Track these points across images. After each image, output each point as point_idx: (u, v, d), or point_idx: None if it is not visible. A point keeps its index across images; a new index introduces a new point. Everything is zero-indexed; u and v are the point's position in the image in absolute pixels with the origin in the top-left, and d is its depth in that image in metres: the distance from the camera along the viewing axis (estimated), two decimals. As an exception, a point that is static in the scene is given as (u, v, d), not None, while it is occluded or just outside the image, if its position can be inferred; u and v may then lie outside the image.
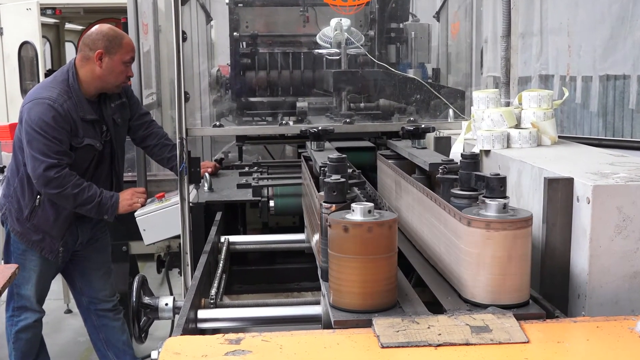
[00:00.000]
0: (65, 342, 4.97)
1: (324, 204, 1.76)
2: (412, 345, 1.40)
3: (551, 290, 1.81)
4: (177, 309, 2.11)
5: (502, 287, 1.61)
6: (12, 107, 6.50)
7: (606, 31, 5.83)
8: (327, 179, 1.80)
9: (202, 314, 2.03)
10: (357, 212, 1.61)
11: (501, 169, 2.24)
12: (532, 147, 2.38)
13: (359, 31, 4.05)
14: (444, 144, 2.96)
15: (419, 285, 1.99)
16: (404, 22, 4.28)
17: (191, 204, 3.06)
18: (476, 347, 1.40)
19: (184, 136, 2.98)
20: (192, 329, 1.93)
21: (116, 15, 6.50)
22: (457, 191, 1.91)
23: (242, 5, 4.27)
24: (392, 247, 1.63)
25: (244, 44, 4.35)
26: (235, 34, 4.27)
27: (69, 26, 8.77)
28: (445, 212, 1.81)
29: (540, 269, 1.84)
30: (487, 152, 2.39)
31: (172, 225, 3.15)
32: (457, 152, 2.60)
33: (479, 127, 2.51)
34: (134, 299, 2.08)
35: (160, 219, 3.34)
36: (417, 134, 2.79)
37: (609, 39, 5.81)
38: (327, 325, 1.75)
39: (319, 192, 1.97)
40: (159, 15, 5.17)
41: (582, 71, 6.18)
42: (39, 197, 3.35)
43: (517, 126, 2.48)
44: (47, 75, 4.92)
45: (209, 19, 5.02)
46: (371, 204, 1.62)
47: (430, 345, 1.40)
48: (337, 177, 1.82)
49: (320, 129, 2.84)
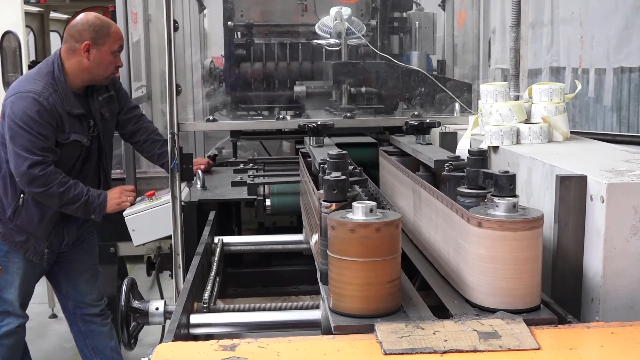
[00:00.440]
0: (50, 348, 4.97)
1: (323, 203, 1.76)
2: (416, 352, 1.40)
3: (563, 294, 1.81)
4: (168, 314, 2.10)
5: (511, 290, 1.60)
6: (-6, 100, 6.48)
7: (620, 21, 5.83)
8: (326, 177, 1.79)
9: (194, 318, 2.03)
10: (359, 212, 1.61)
11: (510, 166, 2.24)
12: (542, 143, 2.38)
13: (360, 20, 4.05)
14: (449, 140, 2.96)
15: (423, 288, 1.99)
16: (407, 11, 4.28)
17: (183, 203, 3.06)
18: (484, 354, 1.40)
19: (176, 131, 2.98)
20: (184, 334, 1.93)
21: (104, 3, 6.49)
22: (464, 189, 1.91)
23: (236, -8, 4.28)
24: (396, 249, 1.62)
25: (239, 34, 4.35)
26: (229, 23, 4.26)
27: (54, 15, 8.74)
28: (451, 212, 1.81)
29: (551, 271, 1.83)
30: (495, 148, 2.38)
31: (163, 225, 3.15)
32: (463, 148, 2.60)
33: (487, 122, 2.51)
34: (123, 303, 2.07)
35: (150, 219, 3.34)
36: (422, 129, 2.79)
37: (624, 29, 5.81)
38: (327, 330, 1.75)
39: (318, 190, 1.97)
40: (149, 3, 5.16)
41: (595, 63, 6.19)
42: (22, 196, 3.34)
43: (527, 121, 2.48)
44: (30, 67, 4.91)
45: (202, 7, 5.02)
46: (373, 203, 1.62)
47: (435, 352, 1.40)
48: (338, 174, 1.82)
49: (319, 123, 2.84)
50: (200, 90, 4.48)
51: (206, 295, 2.24)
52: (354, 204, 1.62)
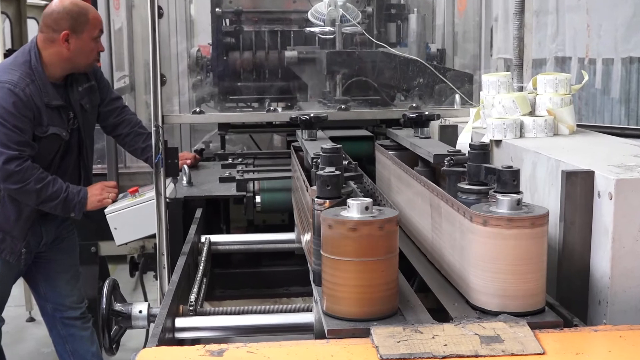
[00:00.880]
0: (27, 353, 4.96)
1: (316, 200, 1.76)
2: (414, 357, 1.40)
3: (569, 295, 1.81)
4: (152, 317, 2.10)
5: (514, 292, 1.60)
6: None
7: (629, 9, 5.85)
8: (320, 172, 1.79)
9: (180, 322, 2.03)
10: (354, 209, 1.60)
11: (514, 160, 2.24)
12: (547, 136, 2.38)
13: (355, 7, 4.05)
14: (449, 133, 2.96)
15: (421, 290, 1.99)
16: (405, -2, 4.29)
17: (168, 200, 3.05)
18: (486, 358, 1.40)
19: (160, 124, 2.97)
20: (169, 339, 1.93)
21: (84, -12, 6.46)
22: (464, 185, 1.91)
23: (225, -23, 4.27)
24: (393, 248, 1.62)
25: (227, 21, 4.34)
26: (217, 10, 4.25)
27: (31, 1, 8.69)
28: (451, 209, 1.81)
29: (556, 272, 1.84)
30: (497, 142, 2.39)
31: (147, 223, 3.15)
32: (464, 142, 2.60)
33: (489, 115, 2.51)
34: (104, 306, 2.07)
35: (133, 217, 3.33)
36: (420, 122, 2.79)
37: (632, 17, 5.83)
38: (320, 334, 1.74)
39: (311, 186, 1.96)
40: (132, -12, 5.15)
41: (602, 53, 6.20)
42: None
43: (532, 113, 2.48)
44: (6, 55, 4.88)
45: (188, -8, 5.01)
46: (369, 200, 1.61)
47: (435, 357, 1.40)
48: (332, 169, 1.81)
49: (312, 116, 2.84)
50: (186, 80, 4.48)
51: (192, 297, 2.24)
52: (349, 201, 1.62)
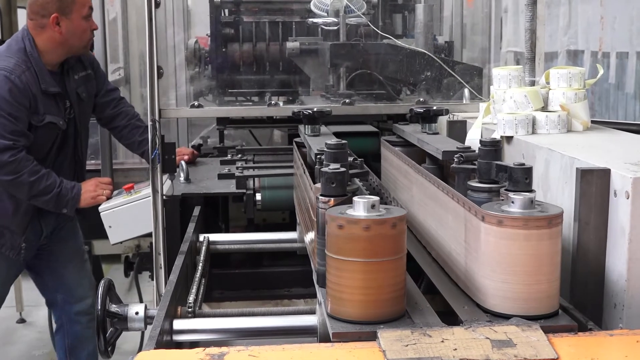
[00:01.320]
0: (17, 356, 4.96)
1: (321, 198, 1.75)
2: (423, 361, 1.40)
3: (583, 298, 1.81)
4: (149, 319, 2.09)
5: (527, 294, 1.60)
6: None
7: (645, 0, 5.84)
8: (324, 169, 1.79)
9: (178, 324, 2.02)
10: (360, 207, 1.60)
11: (525, 158, 2.24)
12: (561, 132, 2.38)
13: (360, -3, 4.04)
14: (458, 129, 2.96)
15: (429, 291, 1.99)
16: (412, -12, 4.27)
17: (165, 197, 3.05)
18: (498, 364, 1.40)
19: (157, 118, 2.96)
20: (166, 341, 1.92)
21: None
22: (475, 183, 1.91)
23: (224, -34, 4.26)
24: (401, 248, 1.62)
25: (226, 11, 4.33)
26: (215, -1, 4.24)
27: (21, -10, 8.70)
28: (461, 208, 1.81)
29: (570, 274, 1.84)
30: (509, 138, 2.38)
31: (143, 221, 3.14)
32: (473, 138, 2.60)
33: (500, 110, 2.50)
34: (100, 307, 2.06)
35: (128, 215, 3.33)
36: (428, 117, 2.78)
37: (648, 9, 5.82)
38: (324, 338, 1.74)
39: (315, 183, 1.96)
40: (127, -23, 5.15)
41: (616, 46, 6.19)
42: None
43: (544, 109, 2.48)
44: (-4, 46, 4.89)
45: (186, -18, 5.00)
46: (376, 198, 1.61)
47: (444, 361, 1.40)
48: (336, 166, 1.81)
49: (315, 110, 2.83)
50: (183, 73, 4.47)
51: (191, 298, 2.24)
52: (355, 198, 1.62)
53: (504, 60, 5.70)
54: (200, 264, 2.63)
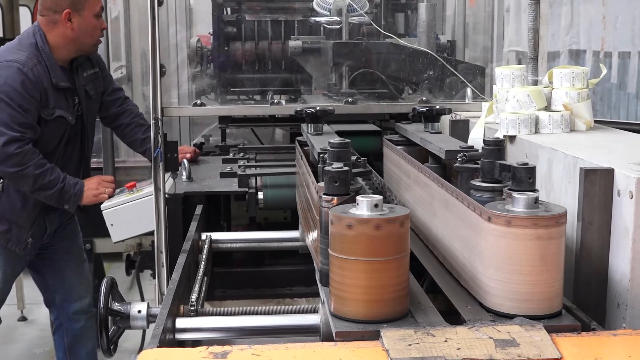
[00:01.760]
0: (18, 354, 4.96)
1: (324, 197, 1.75)
2: (426, 361, 1.40)
3: (587, 298, 1.81)
4: (151, 317, 2.09)
5: (530, 294, 1.60)
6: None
7: (647, 0, 5.83)
8: (327, 168, 1.79)
9: (181, 322, 2.02)
10: (363, 206, 1.60)
11: (528, 157, 2.24)
12: (564, 132, 2.38)
13: (362, -4, 4.04)
14: (461, 128, 2.96)
15: (432, 291, 1.99)
16: (414, -13, 4.27)
17: (167, 196, 3.05)
18: (501, 363, 1.40)
19: (159, 116, 2.96)
20: (169, 340, 1.92)
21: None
22: (478, 183, 1.91)
23: (226, -36, 4.26)
24: (404, 248, 1.62)
25: (229, 9, 4.32)
26: (218, -2, 4.24)
27: (23, -12, 8.69)
28: (464, 207, 1.80)
29: (574, 274, 1.83)
30: (512, 138, 2.38)
31: (145, 220, 3.14)
32: (476, 137, 2.60)
33: (503, 109, 2.50)
34: (102, 305, 2.06)
35: (130, 213, 3.32)
36: (430, 117, 2.78)
37: (650, 8, 5.81)
38: (327, 337, 1.74)
39: (318, 182, 1.96)
40: (129, -25, 5.15)
41: (618, 46, 6.19)
42: (2, 181, 3.33)
43: (547, 108, 2.47)
44: (-1, 44, 4.89)
45: (188, -20, 5.00)
46: (380, 197, 1.61)
47: (447, 361, 1.40)
48: (340, 165, 1.81)
49: (318, 109, 2.83)
50: (185, 71, 4.47)
51: (194, 297, 2.24)
52: (358, 198, 1.62)
53: (506, 59, 5.69)
54: (202, 263, 2.62)
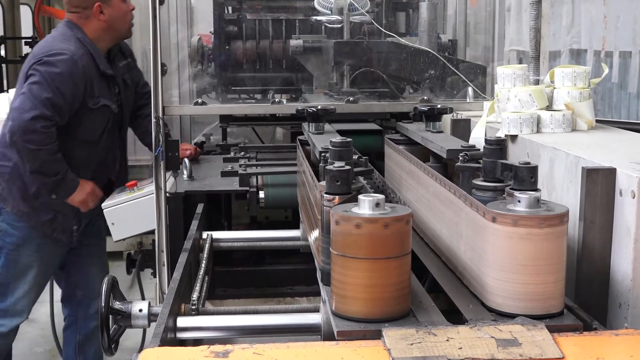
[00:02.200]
0: (19, 353, 4.94)
1: (325, 196, 1.75)
2: (428, 360, 1.40)
3: (588, 298, 1.81)
4: (153, 316, 2.09)
5: (532, 294, 1.60)
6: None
7: (649, 0, 5.82)
8: (329, 167, 1.78)
9: (182, 321, 2.02)
10: (365, 206, 1.60)
11: (530, 157, 2.23)
12: (565, 132, 2.37)
13: (364, -5, 4.04)
14: (462, 128, 2.95)
15: (433, 290, 1.98)
16: (415, -14, 4.27)
17: (168, 194, 3.05)
18: (503, 363, 1.40)
19: (161, 115, 2.96)
20: (170, 339, 1.92)
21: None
22: (479, 182, 1.91)
23: (227, -37, 4.25)
24: (406, 247, 1.62)
25: (230, 8, 4.32)
26: (219, -4, 4.24)
27: (24, -13, 8.71)
28: (466, 206, 1.80)
29: (576, 273, 1.83)
30: (513, 137, 2.38)
31: (146, 218, 3.14)
32: (478, 137, 2.60)
33: (504, 109, 2.50)
34: (103, 304, 2.06)
35: (131, 212, 3.32)
36: (432, 116, 2.78)
37: (652, 8, 5.80)
38: (328, 336, 1.74)
39: (319, 181, 1.96)
40: (130, -26, 5.13)
41: (619, 46, 6.17)
42: None
43: (549, 108, 2.47)
44: (-1, 42, 4.88)
45: (189, -21, 4.99)
46: (381, 196, 1.61)
47: (449, 360, 1.40)
48: (341, 164, 1.81)
49: (319, 108, 2.83)
50: (186, 70, 4.46)
51: (195, 296, 2.24)
52: (360, 197, 1.61)
53: (507, 58, 5.68)
54: (203, 262, 2.62)
